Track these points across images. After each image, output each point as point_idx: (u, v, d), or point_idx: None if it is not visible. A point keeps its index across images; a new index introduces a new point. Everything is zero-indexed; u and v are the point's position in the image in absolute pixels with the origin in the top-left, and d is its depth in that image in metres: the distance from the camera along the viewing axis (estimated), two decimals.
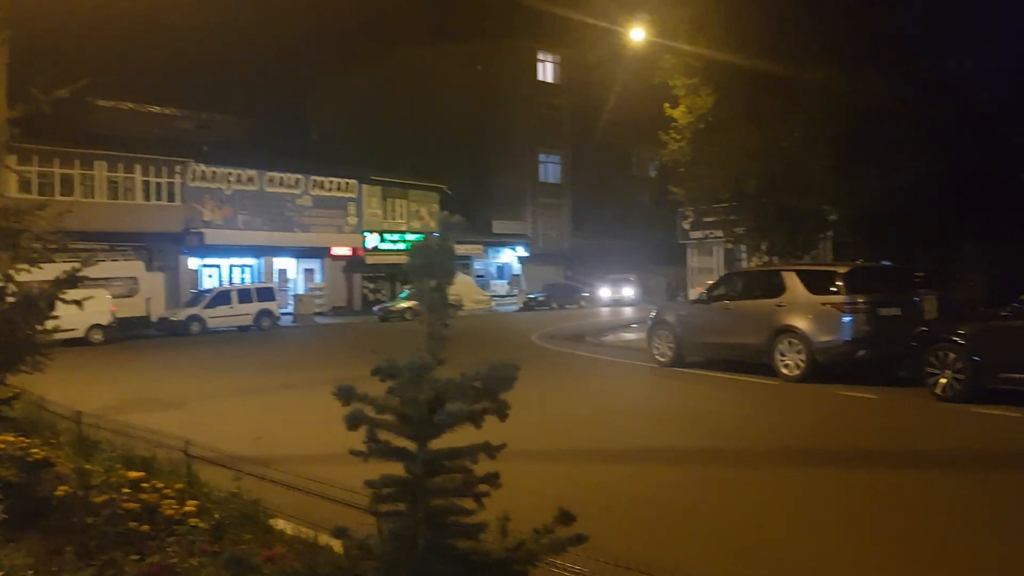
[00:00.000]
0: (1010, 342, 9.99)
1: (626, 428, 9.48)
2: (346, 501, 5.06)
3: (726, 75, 17.78)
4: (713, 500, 6.32)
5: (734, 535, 5.41)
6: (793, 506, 6.11)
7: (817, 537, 5.37)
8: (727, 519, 5.78)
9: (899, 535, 5.38)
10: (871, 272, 13.40)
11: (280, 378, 15.17)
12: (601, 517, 5.63)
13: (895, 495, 6.38)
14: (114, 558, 4.27)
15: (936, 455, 7.87)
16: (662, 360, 14.85)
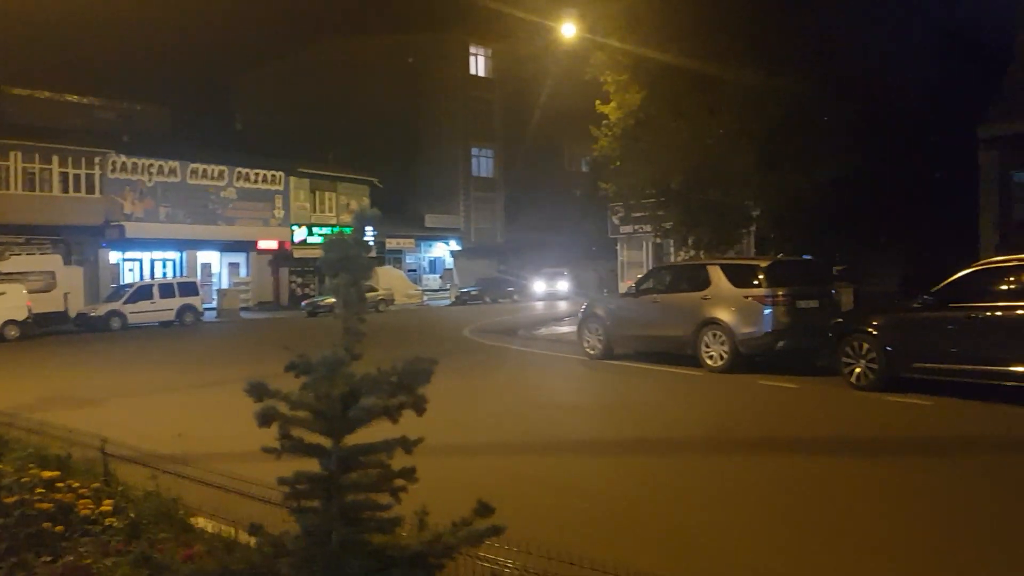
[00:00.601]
0: (920, 333, 10.41)
1: (555, 420, 9.58)
2: (267, 499, 4.99)
3: (655, 72, 18.05)
4: (639, 489, 6.44)
5: (658, 522, 5.53)
6: (716, 493, 6.26)
7: (737, 522, 5.52)
8: (652, 507, 5.90)
9: (812, 518, 5.58)
10: (791, 266, 13.80)
11: (201, 375, 14.83)
12: (528, 508, 5.72)
13: (810, 480, 6.61)
14: (25, 559, 4.14)
15: (850, 442, 8.17)
16: (592, 353, 15.04)
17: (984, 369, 9.67)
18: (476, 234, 50.85)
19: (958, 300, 10.06)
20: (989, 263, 10.75)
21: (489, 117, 50.64)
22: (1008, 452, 7.56)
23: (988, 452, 7.59)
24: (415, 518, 2.83)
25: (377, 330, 12.70)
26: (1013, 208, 25.14)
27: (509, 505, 5.51)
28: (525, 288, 43.24)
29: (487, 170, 52.24)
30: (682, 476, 6.84)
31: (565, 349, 16.87)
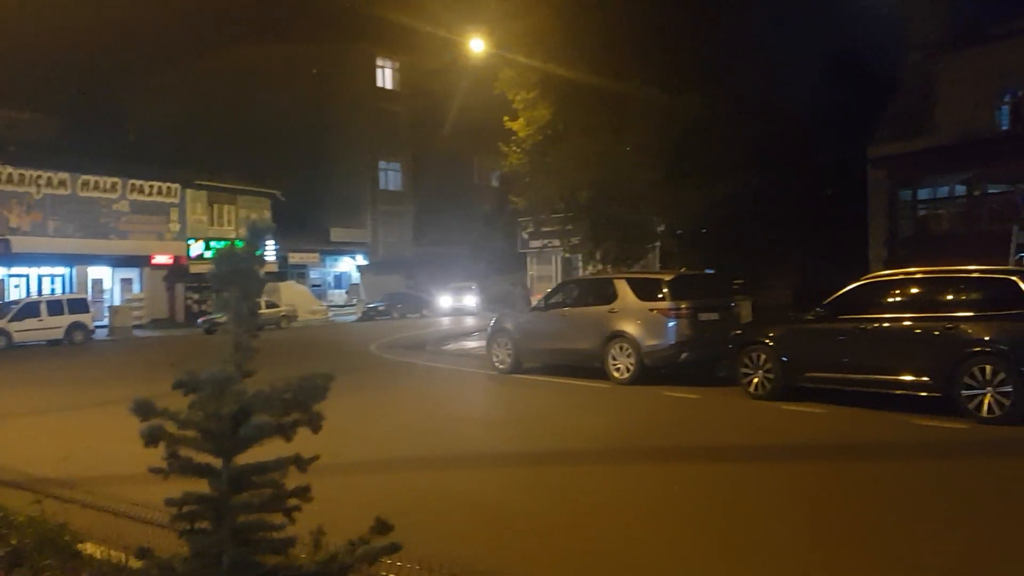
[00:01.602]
0: (814, 344, 10.85)
1: (461, 435, 9.52)
2: (157, 521, 4.79)
3: (563, 89, 18.33)
4: (546, 501, 6.45)
5: (564, 534, 5.54)
6: (621, 502, 6.33)
7: (640, 531, 5.59)
8: (559, 519, 5.92)
9: (710, 523, 5.71)
10: (693, 280, 14.17)
11: (90, 395, 14.14)
12: (431, 525, 5.64)
13: (710, 487, 6.77)
14: None
15: (747, 449, 8.42)
16: (501, 367, 15.07)
17: (873, 378, 10.15)
18: (384, 248, 50.30)
19: (848, 312, 10.55)
20: (876, 277, 11.32)
21: (397, 130, 50.27)
22: (895, 458, 7.93)
23: (876, 458, 7.95)
24: (310, 538, 2.76)
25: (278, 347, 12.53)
26: (899, 224, 26.61)
27: (413, 522, 5.45)
28: (433, 303, 42.98)
29: (395, 183, 51.80)
30: (589, 486, 6.90)
31: (474, 364, 16.84)
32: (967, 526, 5.59)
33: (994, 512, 5.94)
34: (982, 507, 6.07)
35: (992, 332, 9.11)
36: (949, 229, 24.53)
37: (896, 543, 5.22)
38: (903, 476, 7.16)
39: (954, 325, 9.42)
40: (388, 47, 48.45)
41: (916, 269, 10.97)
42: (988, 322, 9.21)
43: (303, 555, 2.67)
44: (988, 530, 5.50)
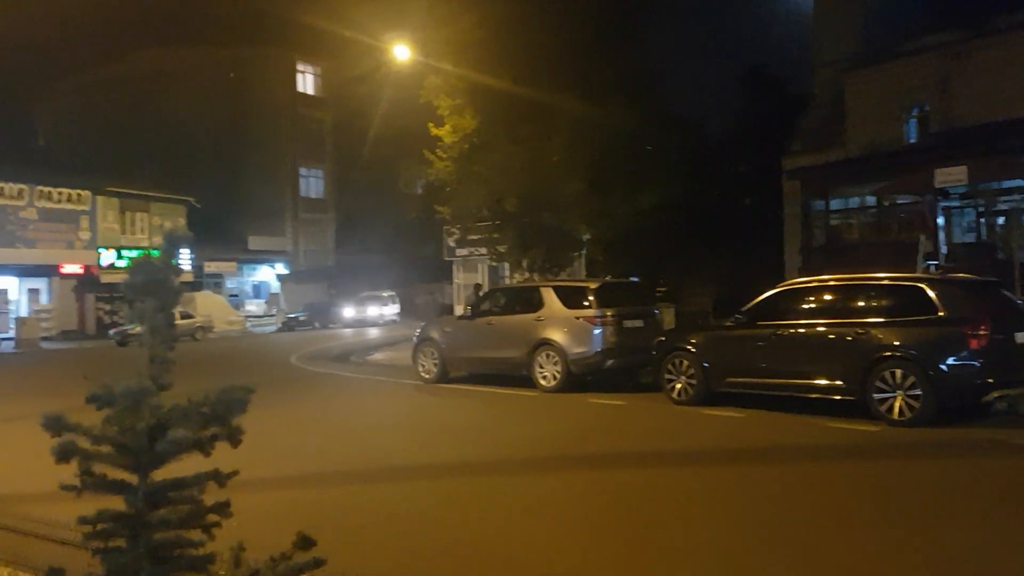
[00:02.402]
0: (733, 350, 11.14)
1: (386, 446, 9.40)
2: (69, 540, 4.58)
3: (489, 98, 18.43)
4: (468, 512, 6.42)
5: (486, 545, 5.52)
6: (544, 511, 6.35)
7: (564, 539, 5.62)
8: (481, 530, 5.89)
9: (634, 529, 5.78)
10: (618, 287, 14.38)
11: None
12: (354, 539, 5.57)
13: (633, 492, 6.86)
14: None
15: (670, 455, 8.58)
16: (427, 377, 14.98)
17: (790, 383, 10.47)
18: (305, 257, 49.35)
19: (765, 318, 10.86)
20: (791, 284, 11.71)
21: (319, 136, 49.48)
22: (810, 460, 8.17)
23: (792, 460, 8.18)
24: (230, 554, 2.70)
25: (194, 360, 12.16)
26: (813, 234, 27.53)
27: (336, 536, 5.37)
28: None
29: (317, 190, 50.90)
30: (514, 496, 6.90)
31: (399, 374, 16.69)
32: (879, 526, 5.81)
33: (905, 512, 6.19)
34: (893, 507, 6.31)
35: (902, 337, 9.51)
36: (860, 238, 25.48)
37: (812, 544, 5.39)
38: (818, 478, 7.39)
39: (866, 331, 9.80)
40: (309, 52, 47.68)
41: (830, 277, 11.39)
42: (898, 327, 9.60)
43: (223, 572, 2.60)
44: (899, 529, 5.72)
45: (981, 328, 9.11)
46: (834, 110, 28.89)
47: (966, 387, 9.23)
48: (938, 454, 8.19)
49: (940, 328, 9.33)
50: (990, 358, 9.12)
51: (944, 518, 5.92)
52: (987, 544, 5.28)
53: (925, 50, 25.52)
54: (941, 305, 9.38)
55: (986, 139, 22.04)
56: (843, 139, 27.84)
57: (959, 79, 24.55)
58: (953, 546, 5.24)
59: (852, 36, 29.66)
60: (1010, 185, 20.46)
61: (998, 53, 23.60)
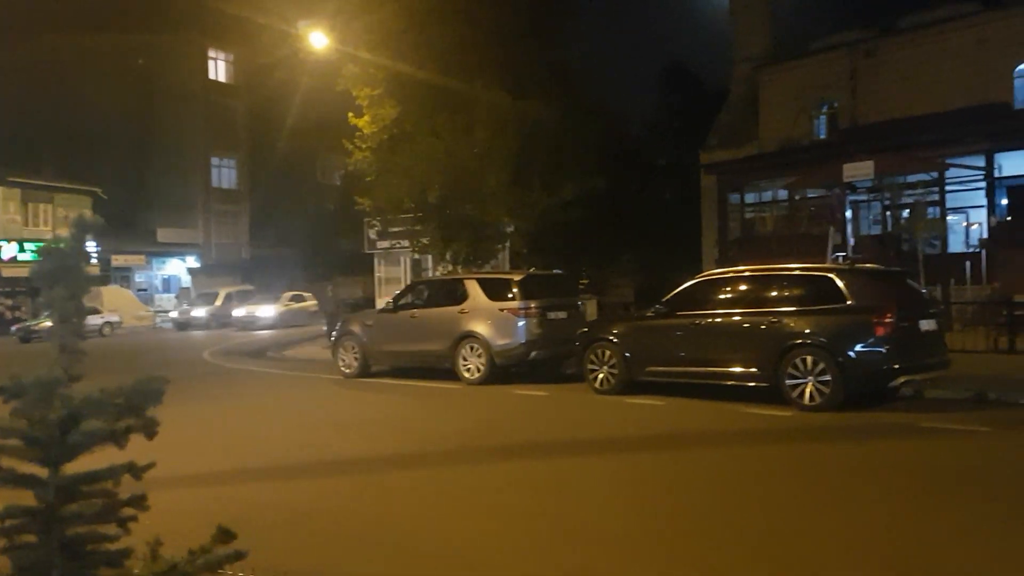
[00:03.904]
0: (653, 339, 11.37)
1: (305, 442, 9.21)
2: None
3: (409, 88, 18.25)
4: (390, 506, 6.35)
5: (408, 538, 5.49)
6: (466, 503, 6.34)
7: (486, 529, 5.63)
8: (403, 522, 5.84)
9: (555, 517, 5.82)
10: (542, 279, 14.47)
11: None
12: (273, 534, 5.47)
13: (556, 482, 6.92)
14: None
15: (591, 443, 8.69)
16: (347, 372, 14.80)
17: (707, 370, 10.76)
18: (217, 250, 47.81)
19: (684, 309, 11.13)
20: (708, 275, 12.01)
21: (232, 125, 47.94)
22: (726, 445, 8.41)
23: (708, 446, 8.41)
24: (147, 549, 2.63)
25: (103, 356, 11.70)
26: (729, 226, 28.32)
27: (255, 533, 5.26)
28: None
29: (230, 181, 49.37)
30: (436, 489, 6.87)
31: (319, 369, 16.44)
32: (787, 507, 6.03)
33: (812, 493, 6.44)
34: (802, 489, 6.56)
35: (812, 325, 9.87)
36: (774, 231, 26.35)
37: (727, 526, 5.56)
38: (732, 463, 7.61)
39: (778, 319, 10.14)
40: (222, 38, 46.17)
41: (745, 267, 11.73)
42: (809, 316, 9.96)
43: (139, 567, 2.52)
44: (807, 510, 5.95)
45: (887, 316, 9.52)
46: (750, 106, 29.76)
47: (873, 373, 9.64)
48: (846, 437, 8.53)
49: (848, 316, 9.72)
50: (896, 345, 9.54)
51: (850, 499, 6.17)
52: (890, 522, 5.54)
53: (834, 48, 26.54)
54: (849, 294, 9.77)
55: (891, 135, 23.08)
56: (758, 134, 28.71)
57: (866, 77, 25.61)
58: (859, 525, 5.47)
59: (767, 34, 30.59)
60: (914, 179, 21.47)
61: (903, 52, 24.72)
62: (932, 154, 20.88)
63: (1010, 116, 22.03)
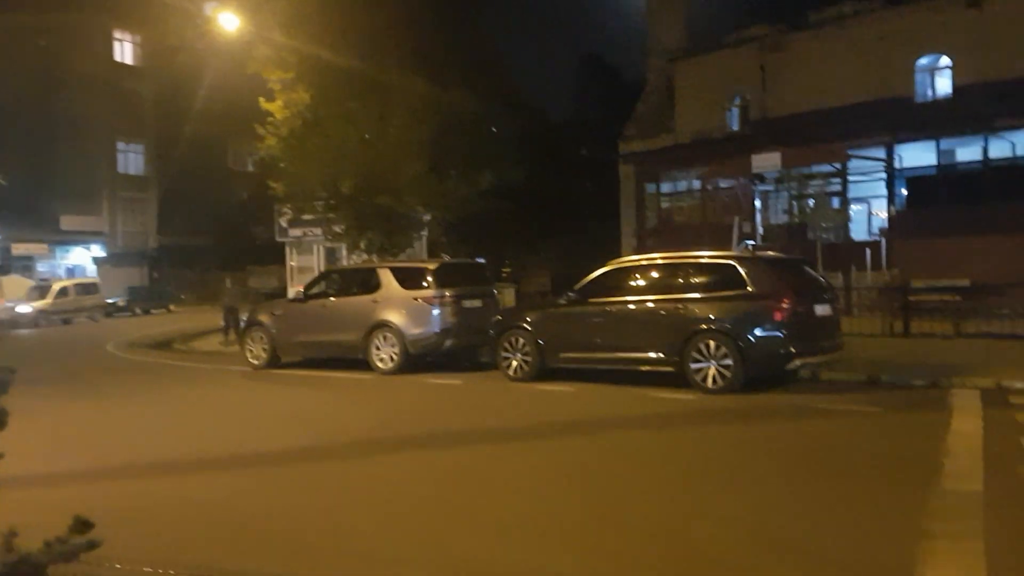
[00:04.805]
0: (566, 326, 11.46)
1: (206, 436, 8.95)
2: None
3: (323, 73, 17.86)
4: (288, 499, 6.21)
5: (309, 530, 5.39)
6: (375, 494, 6.26)
7: (394, 518, 5.56)
8: (305, 516, 5.74)
9: (465, 504, 5.81)
10: (457, 268, 14.40)
11: None
12: (158, 528, 5.35)
13: (467, 469, 6.91)
14: None
15: (503, 430, 8.71)
16: (256, 363, 14.47)
17: (617, 356, 10.91)
18: (124, 238, 46.00)
19: (596, 296, 11.25)
20: (620, 262, 12.15)
21: (139, 109, 46.03)
22: (632, 429, 8.55)
23: (615, 429, 8.53)
24: (2, 540, 2.60)
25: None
26: (646, 215, 28.82)
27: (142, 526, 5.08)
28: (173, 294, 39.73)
29: (136, 167, 47.50)
30: (345, 479, 6.78)
31: (226, 361, 16.03)
32: (688, 490, 6.16)
33: (711, 475, 6.59)
34: (702, 471, 6.71)
35: (716, 311, 10.11)
36: (688, 220, 26.94)
37: (632, 507, 5.64)
38: (637, 446, 7.76)
39: (684, 305, 10.35)
40: (127, 19, 44.27)
41: (656, 255, 11.93)
42: (713, 302, 10.20)
43: None
44: (707, 490, 6.09)
45: (785, 302, 9.83)
46: (666, 97, 30.28)
47: (772, 356, 9.94)
48: (745, 419, 8.76)
49: (749, 302, 9.98)
50: (794, 329, 9.86)
51: (746, 479, 6.34)
52: (781, 501, 5.72)
53: (745, 42, 27.20)
54: (750, 281, 10.04)
55: (798, 127, 23.83)
56: (673, 126, 29.25)
57: (775, 71, 26.34)
58: (751, 504, 5.63)
59: (681, 26, 31.14)
60: (819, 170, 22.23)
61: (810, 46, 25.51)
62: (836, 146, 21.67)
63: (910, 109, 23.01)
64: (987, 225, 18.60)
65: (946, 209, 20.02)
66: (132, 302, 38.58)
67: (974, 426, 7.64)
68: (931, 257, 18.67)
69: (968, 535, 4.70)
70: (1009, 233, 18.19)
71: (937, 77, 23.39)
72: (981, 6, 21.75)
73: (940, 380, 10.00)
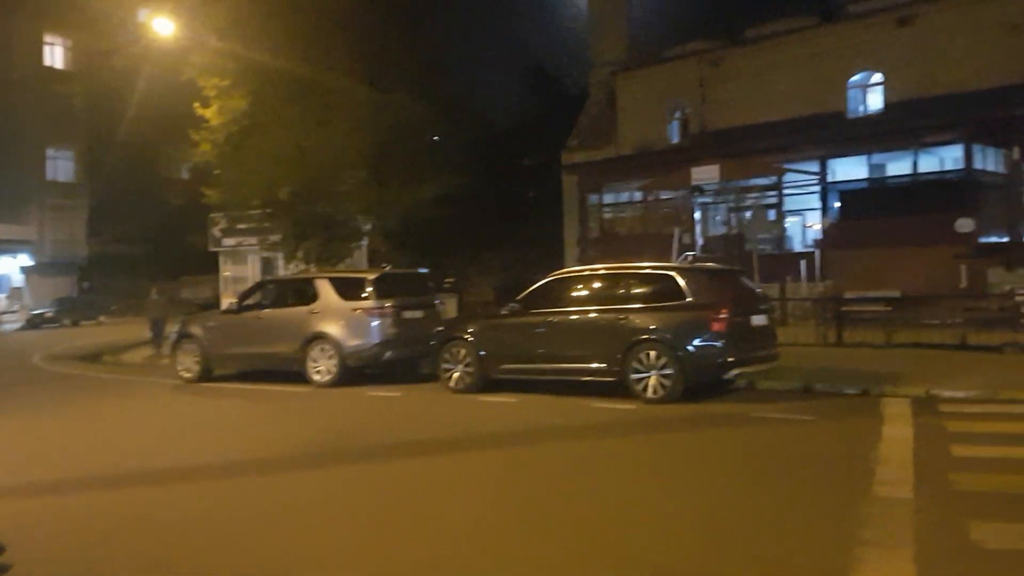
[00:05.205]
0: (508, 337, 11.36)
1: (135, 450, 8.61)
2: None
3: (260, 79, 17.49)
4: (219, 515, 6.01)
5: (232, 547, 5.22)
6: (305, 509, 6.09)
7: (326, 535, 5.40)
8: (233, 532, 5.55)
9: (402, 518, 5.66)
10: (398, 278, 14.17)
11: None
12: (87, 546, 5.12)
13: (403, 482, 6.76)
14: None
15: (443, 442, 8.55)
16: (188, 376, 14.04)
17: (559, 367, 10.86)
18: (53, 247, 44.34)
19: (538, 306, 11.18)
20: (562, 273, 12.11)
21: (69, 115, 44.28)
22: (572, 439, 8.50)
23: (556, 440, 8.46)
24: None
25: None
26: (588, 226, 28.98)
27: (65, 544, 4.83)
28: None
29: (66, 174, 45.84)
30: (276, 494, 6.58)
31: (157, 373, 15.53)
32: (625, 498, 6.11)
33: (649, 483, 6.56)
34: (640, 479, 6.68)
35: (656, 321, 10.14)
36: (629, 230, 27.17)
37: (568, 517, 5.56)
38: (577, 456, 7.70)
39: (625, 316, 10.36)
40: (58, 22, 42.82)
41: (597, 266, 11.94)
42: (653, 313, 10.23)
43: None
44: (644, 500, 6.05)
45: (722, 312, 9.91)
46: (608, 109, 30.55)
47: (710, 366, 10.01)
48: (683, 428, 8.80)
49: (688, 313, 10.04)
50: (731, 339, 9.95)
51: (682, 487, 6.35)
52: (714, 507, 5.73)
53: (685, 57, 27.63)
54: (689, 292, 10.12)
55: (736, 141, 24.28)
56: (615, 137, 29.53)
57: (714, 85, 26.81)
58: (687, 510, 5.64)
59: (623, 39, 31.51)
60: (756, 183, 22.63)
61: (748, 62, 26.02)
62: (772, 159, 22.10)
63: (843, 125, 23.61)
64: (916, 237, 19.13)
65: (877, 222, 20.54)
66: (61, 313, 37.29)
67: (905, 434, 7.77)
68: (863, 268, 19.12)
69: (899, 542, 4.75)
70: (937, 245, 18.73)
71: (869, 93, 24.06)
72: (911, 24, 22.46)
73: (872, 388, 10.19)
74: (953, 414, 8.75)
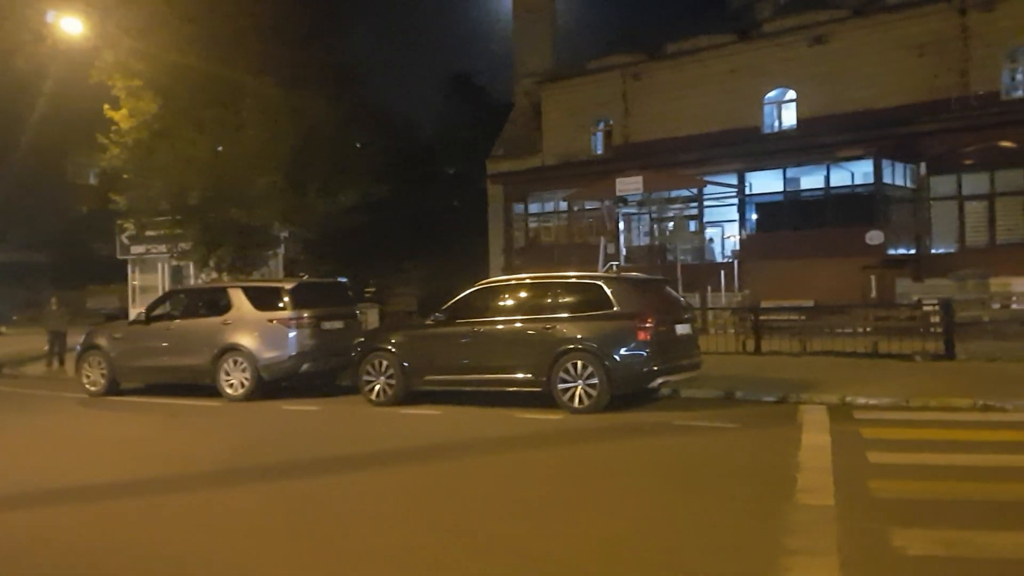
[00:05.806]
0: (432, 348, 11.12)
1: (33, 467, 8.07)
2: None
3: (171, 81, 16.81)
4: (122, 535, 5.61)
5: (135, 568, 4.88)
6: (219, 526, 5.77)
7: (236, 554, 5.07)
8: (135, 552, 5.18)
9: (318, 536, 5.38)
10: (317, 287, 13.79)
11: None
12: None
13: (315, 500, 6.45)
14: None
15: (360, 458, 8.25)
16: (93, 389, 13.35)
17: (485, 377, 10.67)
18: None
19: (463, 316, 10.98)
20: (488, 283, 11.95)
21: None
22: (497, 451, 8.32)
23: (480, 453, 8.27)
24: None
25: None
26: (514, 235, 28.97)
27: None
28: None
29: None
30: (185, 513, 6.19)
31: (61, 387, 14.76)
32: (549, 509, 5.96)
33: (574, 494, 6.43)
34: (564, 490, 6.54)
35: (582, 331, 10.07)
36: (555, 240, 27.26)
37: (494, 532, 5.37)
38: (501, 468, 7.53)
39: (552, 325, 10.26)
40: None
41: (524, 275, 11.82)
42: (579, 322, 10.16)
43: None
44: (568, 511, 5.91)
45: (648, 321, 9.91)
46: (533, 119, 30.65)
47: (635, 375, 9.99)
48: (608, 437, 8.74)
49: (614, 322, 10.01)
50: (656, 348, 9.96)
51: (607, 496, 6.26)
52: (648, 515, 5.66)
53: (608, 69, 27.95)
54: (615, 301, 10.08)
55: (658, 153, 24.65)
56: (540, 147, 29.63)
57: (636, 98, 27.19)
58: (612, 520, 5.53)
59: (548, 51, 31.71)
60: (678, 195, 22.99)
61: (669, 76, 26.48)
62: (693, 172, 22.49)
63: (759, 139, 24.23)
64: (829, 249, 19.73)
65: (792, 233, 21.11)
66: None
67: (823, 441, 7.86)
68: (778, 279, 19.59)
69: (824, 550, 4.72)
70: (848, 256, 19.35)
71: (783, 109, 24.77)
72: (824, 44, 23.23)
73: (790, 396, 10.34)
74: (868, 421, 8.93)
